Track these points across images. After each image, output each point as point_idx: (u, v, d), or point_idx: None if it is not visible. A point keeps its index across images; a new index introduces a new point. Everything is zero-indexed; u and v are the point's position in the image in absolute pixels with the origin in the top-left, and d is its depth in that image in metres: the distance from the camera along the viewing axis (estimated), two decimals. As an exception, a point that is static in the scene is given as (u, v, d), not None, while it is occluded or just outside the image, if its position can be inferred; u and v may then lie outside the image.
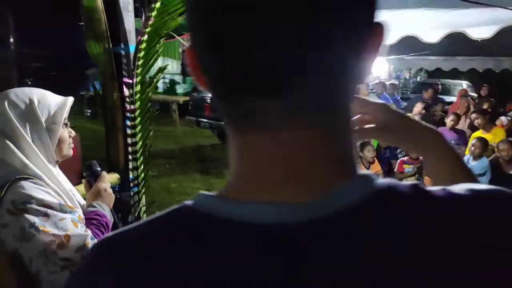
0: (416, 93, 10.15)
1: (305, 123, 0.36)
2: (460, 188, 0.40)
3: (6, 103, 1.19)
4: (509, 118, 5.80)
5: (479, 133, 5.04)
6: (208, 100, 8.69)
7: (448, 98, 9.80)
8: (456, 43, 3.77)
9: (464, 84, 12.17)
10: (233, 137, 0.38)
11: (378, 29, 0.39)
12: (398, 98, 8.24)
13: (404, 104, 8.01)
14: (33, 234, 1.07)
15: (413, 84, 14.75)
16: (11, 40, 7.97)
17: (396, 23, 3.43)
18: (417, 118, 0.73)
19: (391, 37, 3.49)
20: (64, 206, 1.18)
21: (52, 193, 1.19)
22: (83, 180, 1.46)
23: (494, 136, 4.95)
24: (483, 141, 4.51)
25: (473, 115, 5.33)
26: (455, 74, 11.10)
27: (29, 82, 15.14)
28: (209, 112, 8.58)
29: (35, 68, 16.47)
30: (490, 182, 4.34)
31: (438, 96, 8.49)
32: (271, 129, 0.36)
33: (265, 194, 0.36)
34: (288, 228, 0.34)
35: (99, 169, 1.46)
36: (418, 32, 3.36)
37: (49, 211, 1.12)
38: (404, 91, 12.69)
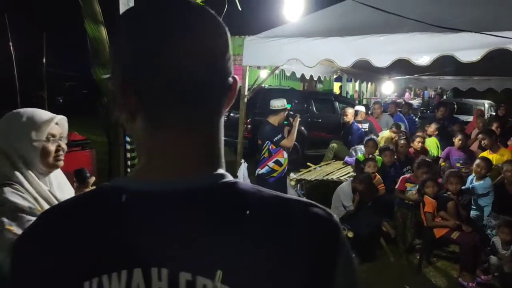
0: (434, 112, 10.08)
1: (187, 134, 0.57)
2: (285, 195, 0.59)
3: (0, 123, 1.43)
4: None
5: (486, 154, 5.02)
6: (225, 118, 8.95)
7: (468, 118, 9.69)
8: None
9: (486, 103, 11.98)
10: (144, 137, 0.58)
11: (234, 81, 0.62)
12: (413, 117, 8.24)
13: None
14: (1, 231, 1.27)
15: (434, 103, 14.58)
16: (44, 60, 8.54)
17: (390, 46, 3.60)
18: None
19: (384, 60, 3.65)
20: (35, 210, 1.37)
21: (29, 198, 1.38)
22: (74, 185, 1.66)
23: (501, 157, 4.92)
24: (486, 161, 4.51)
25: (480, 136, 5.32)
26: (478, 93, 10.96)
27: (60, 100, 16.05)
28: (225, 130, 8.83)
29: (67, 86, 17.44)
30: (494, 203, 4.33)
31: (454, 115, 8.44)
32: (163, 135, 0.57)
33: (152, 174, 0.56)
34: (147, 195, 0.54)
35: (88, 175, 1.66)
36: (410, 55, 3.51)
37: (20, 214, 1.32)
38: (424, 110, 12.60)
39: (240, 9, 1.94)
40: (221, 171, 0.59)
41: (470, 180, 4.55)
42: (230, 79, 0.61)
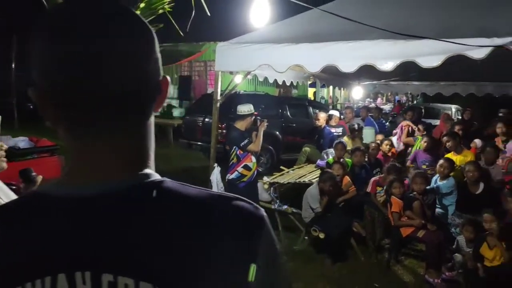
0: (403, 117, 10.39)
1: (109, 140, 0.57)
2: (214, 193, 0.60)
3: None
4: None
5: (450, 155, 5.24)
6: (200, 124, 8.94)
7: (437, 122, 10.05)
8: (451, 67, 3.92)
9: (453, 107, 12.47)
10: (68, 143, 0.59)
11: (164, 83, 0.62)
12: (383, 121, 8.49)
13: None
14: None
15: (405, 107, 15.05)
16: (13, 65, 8.34)
17: (356, 53, 3.73)
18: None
19: (351, 66, 3.78)
20: None
21: None
22: (21, 185, 1.63)
23: (465, 158, 5.16)
24: (449, 161, 4.72)
25: (445, 138, 5.55)
26: (445, 98, 11.38)
27: (31, 106, 15.59)
28: (201, 135, 8.80)
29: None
30: (457, 202, 4.52)
31: (422, 119, 8.76)
32: (86, 140, 0.57)
33: (76, 179, 0.57)
34: (73, 200, 0.55)
35: (34, 174, 1.64)
36: (375, 61, 3.65)
37: None
38: (394, 115, 13.03)
39: (208, 14, 1.98)
40: (148, 171, 0.59)
41: (434, 180, 4.73)
42: (159, 81, 0.61)
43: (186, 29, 2.22)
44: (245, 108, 4.44)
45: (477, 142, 6.03)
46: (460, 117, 10.60)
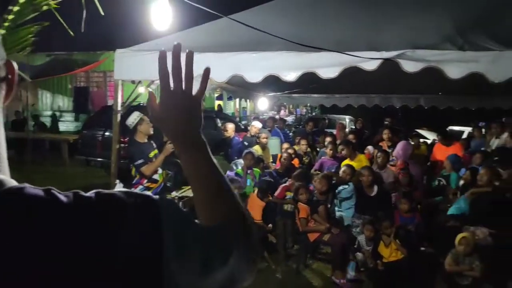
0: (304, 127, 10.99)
1: None
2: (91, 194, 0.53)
3: None
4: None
5: (347, 161, 5.64)
6: (100, 138, 8.34)
7: (333, 131, 10.84)
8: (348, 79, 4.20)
9: (347, 118, 13.62)
10: None
11: (10, 70, 0.54)
12: (287, 131, 8.87)
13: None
14: None
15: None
16: None
17: (261, 63, 3.80)
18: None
19: (256, 76, 3.83)
20: None
21: None
22: None
23: (359, 163, 5.59)
24: (351, 168, 5.07)
25: (340, 146, 5.98)
26: (340, 110, 12.36)
27: None
28: (101, 150, 8.20)
29: None
30: (356, 204, 4.84)
31: (325, 129, 9.38)
32: None
33: None
34: None
35: None
36: (279, 72, 3.75)
37: None
38: (297, 126, 13.78)
39: (102, 13, 1.80)
40: (1, 176, 0.51)
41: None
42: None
43: (79, 29, 1.99)
44: (131, 119, 4.09)
45: (370, 148, 6.61)
46: (353, 127, 11.59)
